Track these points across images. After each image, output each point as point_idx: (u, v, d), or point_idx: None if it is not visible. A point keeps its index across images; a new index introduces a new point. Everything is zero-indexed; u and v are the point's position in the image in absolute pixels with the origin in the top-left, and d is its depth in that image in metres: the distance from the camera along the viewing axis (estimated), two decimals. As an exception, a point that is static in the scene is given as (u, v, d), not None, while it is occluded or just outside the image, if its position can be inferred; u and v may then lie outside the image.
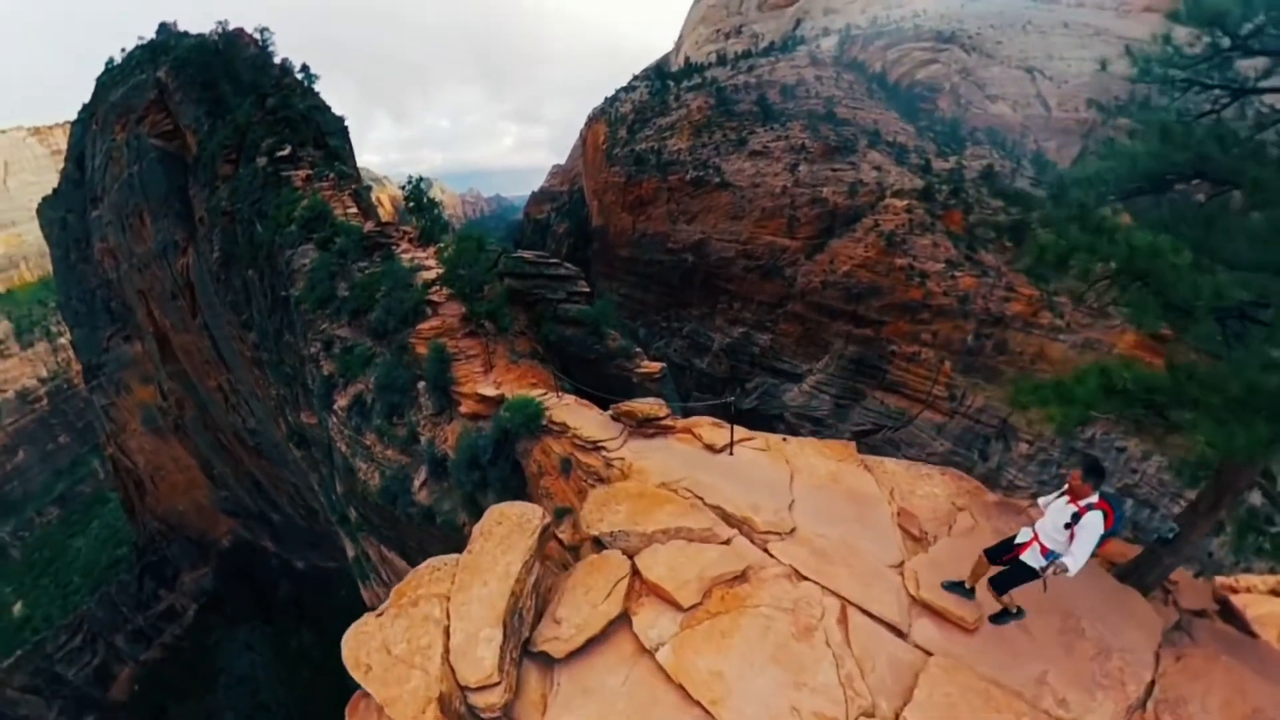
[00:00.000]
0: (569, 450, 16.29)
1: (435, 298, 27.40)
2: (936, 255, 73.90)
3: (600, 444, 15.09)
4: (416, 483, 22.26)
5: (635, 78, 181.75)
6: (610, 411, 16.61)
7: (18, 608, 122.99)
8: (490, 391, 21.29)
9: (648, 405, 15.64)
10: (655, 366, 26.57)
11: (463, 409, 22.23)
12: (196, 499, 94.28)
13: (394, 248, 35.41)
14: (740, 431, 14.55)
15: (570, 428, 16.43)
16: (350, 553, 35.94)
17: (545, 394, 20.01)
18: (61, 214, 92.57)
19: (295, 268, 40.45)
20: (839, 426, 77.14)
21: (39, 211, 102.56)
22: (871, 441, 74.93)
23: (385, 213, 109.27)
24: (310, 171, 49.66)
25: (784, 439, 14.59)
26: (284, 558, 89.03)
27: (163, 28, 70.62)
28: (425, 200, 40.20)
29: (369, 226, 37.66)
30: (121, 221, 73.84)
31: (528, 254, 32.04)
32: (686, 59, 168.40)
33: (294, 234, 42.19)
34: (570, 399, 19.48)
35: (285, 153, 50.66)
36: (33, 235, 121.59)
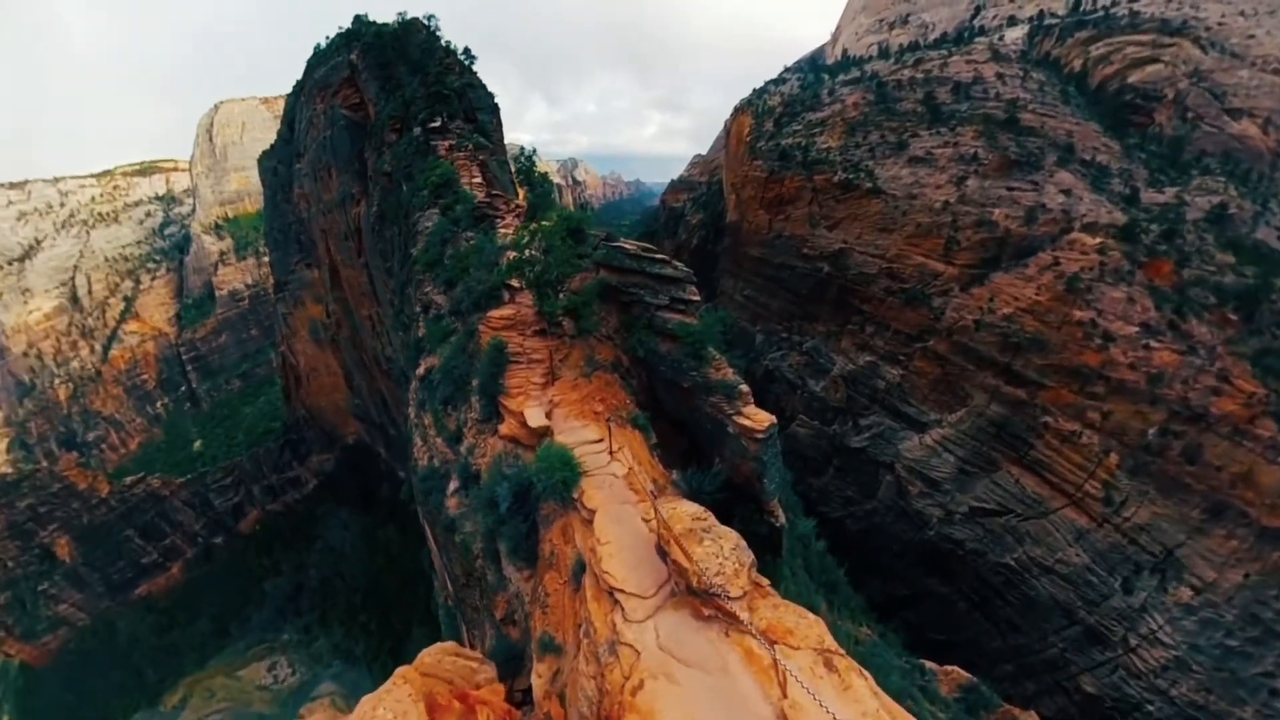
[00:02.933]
0: (588, 556, 11.35)
1: (516, 282, 25.09)
2: (1129, 315, 59.26)
3: (620, 595, 9.41)
4: (450, 487, 20.44)
5: (786, 70, 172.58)
6: (659, 529, 10.50)
7: (197, 444, 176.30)
8: (535, 420, 18.15)
9: (712, 565, 8.82)
10: (763, 420, 19.18)
11: (503, 429, 19.33)
12: (336, 400, 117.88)
13: (497, 220, 34.91)
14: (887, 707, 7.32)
15: (597, 538, 11.26)
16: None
17: (598, 442, 16.13)
18: (274, 164, 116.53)
19: (420, 229, 42.78)
20: (957, 495, 66.21)
21: (259, 161, 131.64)
22: (989, 525, 63.73)
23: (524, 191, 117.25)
24: (454, 142, 52.26)
25: None
26: (391, 464, 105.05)
27: (357, 18, 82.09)
28: (535, 173, 39.40)
29: (480, 196, 37.77)
30: (315, 174, 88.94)
31: (629, 244, 26.78)
32: (844, 51, 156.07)
33: (425, 198, 44.59)
34: (626, 461, 14.96)
35: (436, 124, 53.96)
36: (256, 178, 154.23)
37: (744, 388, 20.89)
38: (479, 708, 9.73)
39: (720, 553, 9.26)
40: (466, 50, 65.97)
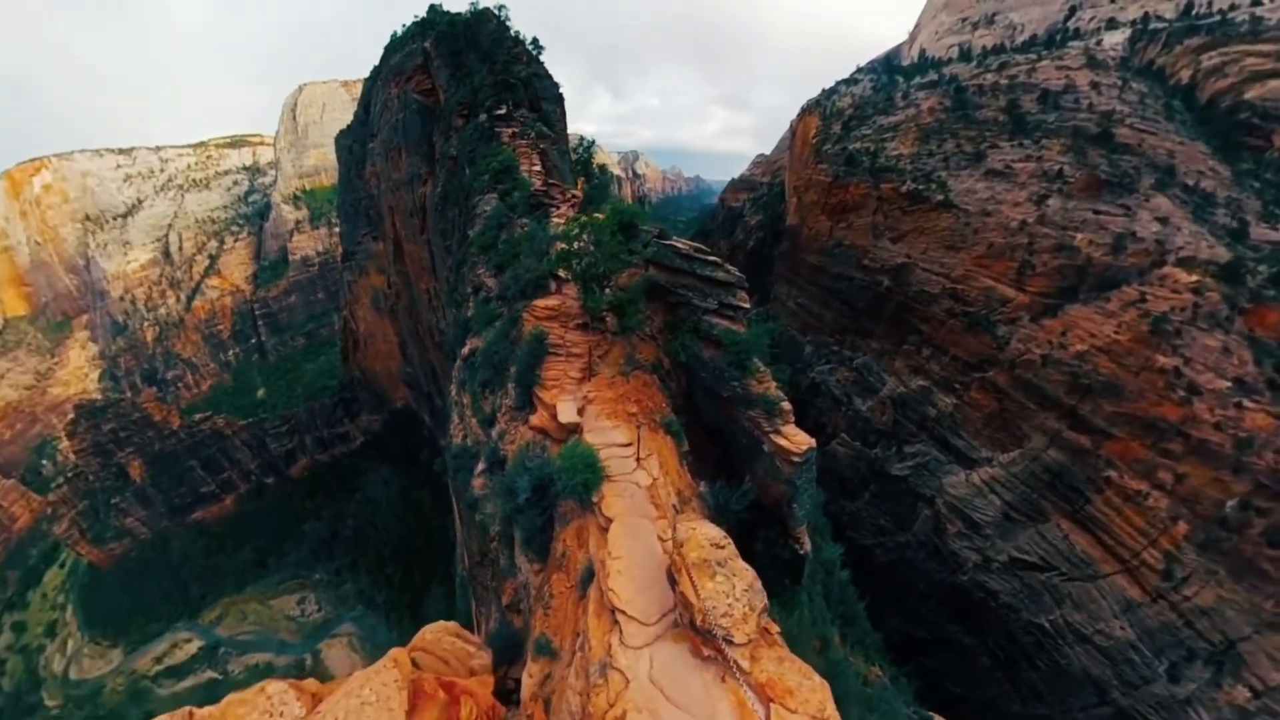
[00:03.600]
0: (598, 567, 10.87)
1: (564, 273, 24.84)
2: (1222, 367, 52.97)
3: (621, 616, 9.13)
4: (478, 467, 20.67)
5: (859, 70, 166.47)
6: (672, 551, 9.84)
7: (261, 392, 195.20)
8: (567, 415, 17.91)
9: (720, 604, 8.24)
10: (801, 443, 18.13)
11: (534, 419, 19.12)
12: (389, 366, 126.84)
13: (552, 209, 35.01)
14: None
15: (609, 550, 10.85)
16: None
17: (627, 446, 15.64)
18: (349, 143, 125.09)
19: (478, 212, 43.85)
20: (998, 542, 61.97)
21: (336, 139, 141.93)
22: (1028, 579, 59.21)
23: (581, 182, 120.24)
24: (517, 129, 53.06)
25: None
26: (433, 433, 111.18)
27: (432, 8, 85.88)
28: (593, 164, 39.29)
29: (538, 184, 38.02)
30: (386, 154, 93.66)
31: (682, 243, 25.79)
32: (921, 52, 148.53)
33: (486, 182, 45.57)
34: (651, 471, 14.47)
35: (502, 111, 55.01)
36: (332, 155, 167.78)
37: (785, 405, 19.72)
38: (464, 698, 9.66)
39: (731, 592, 8.64)
40: (534, 41, 67.45)
